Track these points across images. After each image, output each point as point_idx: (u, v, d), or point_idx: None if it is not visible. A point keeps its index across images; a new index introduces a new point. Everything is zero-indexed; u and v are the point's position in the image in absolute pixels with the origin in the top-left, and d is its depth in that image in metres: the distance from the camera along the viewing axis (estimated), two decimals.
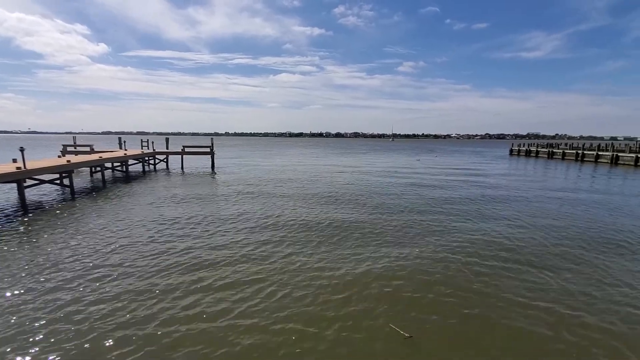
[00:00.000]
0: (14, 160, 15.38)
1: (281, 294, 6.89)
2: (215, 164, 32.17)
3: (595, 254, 9.37)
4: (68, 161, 17.82)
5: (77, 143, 30.35)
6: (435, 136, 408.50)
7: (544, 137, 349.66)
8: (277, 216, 13.11)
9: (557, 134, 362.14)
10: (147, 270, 7.91)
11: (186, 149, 30.78)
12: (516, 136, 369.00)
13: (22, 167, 14.11)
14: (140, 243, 9.75)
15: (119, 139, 33.67)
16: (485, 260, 8.84)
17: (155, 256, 8.75)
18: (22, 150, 14.42)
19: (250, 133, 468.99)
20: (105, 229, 11.04)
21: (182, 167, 30.45)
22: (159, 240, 10.00)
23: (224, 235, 10.59)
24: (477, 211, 14.40)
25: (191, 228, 11.31)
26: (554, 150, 50.49)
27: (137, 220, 12.17)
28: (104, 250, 9.14)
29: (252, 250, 9.36)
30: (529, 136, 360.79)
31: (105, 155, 23.54)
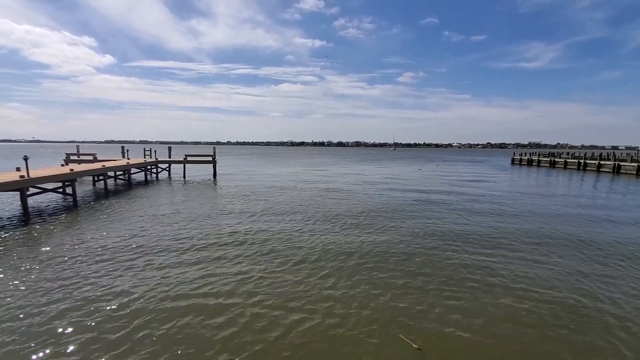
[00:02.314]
0: (18, 169, 15.48)
1: (290, 304, 6.84)
2: (217, 173, 32.25)
3: None
4: (71, 170, 17.91)
5: (81, 152, 30.59)
6: (437, 145, 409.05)
7: (545, 146, 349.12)
8: (282, 225, 13.09)
9: (558, 143, 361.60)
10: (148, 278, 7.88)
11: (188, 158, 30.93)
12: (517, 145, 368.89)
13: (26, 175, 14.19)
14: (141, 252, 9.74)
15: (122, 147, 33.90)
16: (502, 275, 8.76)
17: (156, 266, 8.73)
18: (25, 159, 14.52)
19: (253, 142, 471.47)
20: (107, 238, 11.03)
21: (184, 176, 30.54)
22: (160, 250, 9.98)
23: (224, 246, 10.57)
24: (495, 222, 14.34)
25: (192, 237, 11.29)
26: (556, 160, 50.41)
27: (138, 229, 12.17)
28: (104, 259, 9.11)
29: (259, 261, 9.32)
30: (530, 145, 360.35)
31: (108, 164, 23.67)
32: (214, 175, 31.41)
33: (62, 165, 24.89)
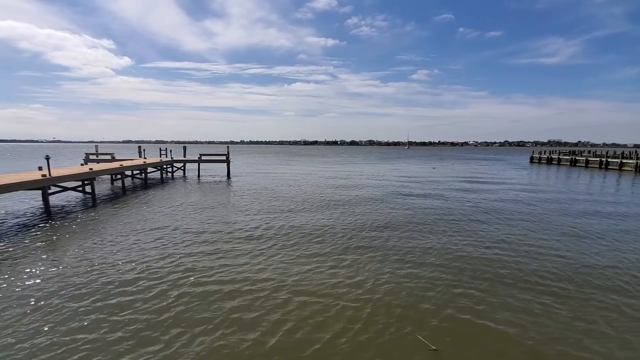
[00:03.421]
0: (40, 168, 16.03)
1: (305, 303, 6.85)
2: (230, 172, 32.63)
3: None
4: (90, 169, 18.43)
5: (99, 151, 31.44)
6: (452, 144, 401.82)
7: (565, 144, 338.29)
8: (296, 226, 13.14)
9: (579, 141, 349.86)
10: (165, 274, 8.05)
11: (203, 157, 31.38)
12: (536, 143, 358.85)
13: (48, 174, 14.67)
14: (157, 249, 9.94)
15: (139, 147, 34.62)
16: (526, 274, 8.58)
17: (173, 261, 8.89)
18: (47, 158, 15.01)
19: (266, 141, 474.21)
20: (125, 236, 11.30)
21: (198, 175, 31.01)
22: (176, 246, 10.16)
23: (238, 245, 10.68)
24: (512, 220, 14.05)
25: (207, 234, 11.45)
26: (577, 158, 48.84)
27: (155, 227, 12.43)
28: (122, 256, 9.35)
29: (270, 258, 9.38)
30: (550, 143, 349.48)
31: (125, 164, 24.23)
32: (228, 174, 31.79)
33: (82, 164, 25.66)
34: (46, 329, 5.82)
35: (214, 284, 7.69)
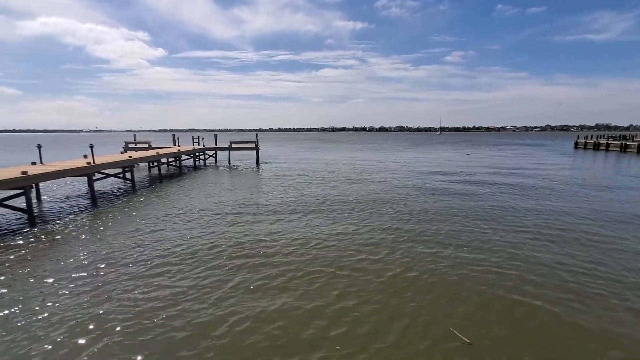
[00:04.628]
0: (85, 156, 17.08)
1: (340, 292, 6.87)
2: (259, 159, 33.20)
3: None
4: (129, 157, 19.41)
5: (137, 140, 32.99)
6: (488, 129, 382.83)
7: (615, 128, 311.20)
8: (327, 211, 13.21)
9: (631, 125, 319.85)
10: (203, 254, 8.39)
11: (233, 145, 32.09)
12: (582, 127, 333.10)
13: (92, 162, 15.63)
14: (196, 230, 10.36)
15: (173, 136, 35.92)
16: (570, 270, 8.13)
17: (211, 241, 9.25)
18: (91, 147, 15.93)
19: (294, 128, 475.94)
20: (163, 218, 11.87)
21: (229, 162, 31.85)
22: (212, 228, 10.54)
23: (267, 227, 10.89)
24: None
25: (239, 218, 11.78)
26: (628, 143, 44.90)
27: (192, 210, 12.94)
28: (161, 237, 9.82)
29: (307, 245, 9.50)
30: (597, 127, 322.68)
31: (161, 151, 25.31)
32: (257, 161, 32.39)
33: (122, 152, 27.04)
34: (92, 299, 6.28)
35: (262, 272, 7.91)
